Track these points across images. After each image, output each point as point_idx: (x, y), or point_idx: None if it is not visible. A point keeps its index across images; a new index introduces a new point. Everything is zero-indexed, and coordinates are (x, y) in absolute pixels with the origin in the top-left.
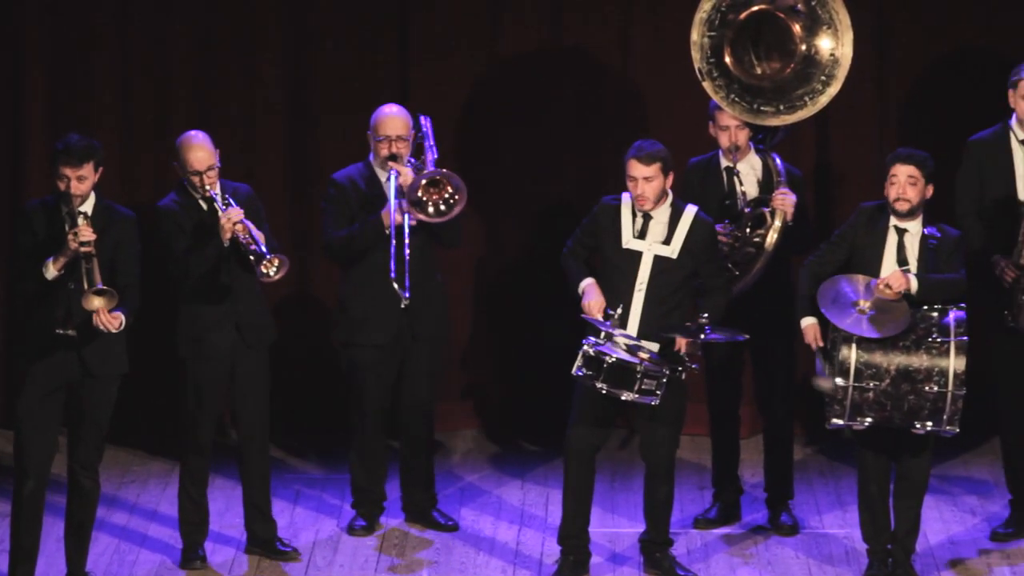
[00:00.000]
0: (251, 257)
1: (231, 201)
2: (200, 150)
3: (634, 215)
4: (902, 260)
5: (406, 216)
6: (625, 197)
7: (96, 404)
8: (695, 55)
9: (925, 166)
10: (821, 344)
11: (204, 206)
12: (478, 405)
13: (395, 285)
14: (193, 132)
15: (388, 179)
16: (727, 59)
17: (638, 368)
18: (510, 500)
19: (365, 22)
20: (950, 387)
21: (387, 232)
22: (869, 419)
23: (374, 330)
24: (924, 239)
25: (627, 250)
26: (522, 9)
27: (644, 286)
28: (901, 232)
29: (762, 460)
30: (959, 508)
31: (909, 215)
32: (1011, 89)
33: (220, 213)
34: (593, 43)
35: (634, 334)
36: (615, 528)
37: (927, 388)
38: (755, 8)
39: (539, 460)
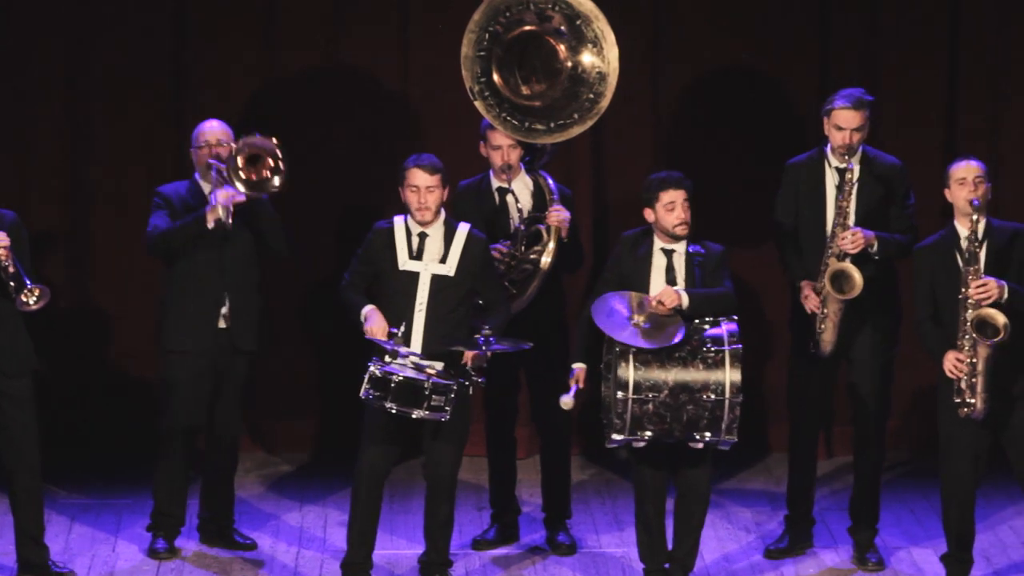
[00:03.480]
0: (11, 284)
1: None
2: None
3: (408, 236)
4: (671, 280)
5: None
6: (397, 220)
7: None
8: (466, 74)
9: (691, 188)
10: (583, 386)
11: None
12: (255, 426)
13: None
14: None
15: (212, 171)
16: (496, 79)
17: (426, 385)
18: (288, 522)
19: (139, 37)
20: (727, 395)
21: (208, 228)
22: (649, 433)
23: (190, 335)
24: (690, 257)
25: (404, 271)
26: (300, 23)
27: (424, 306)
28: (669, 253)
29: (539, 480)
30: (734, 525)
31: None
32: (825, 117)
33: None
34: (372, 62)
35: (419, 353)
36: (394, 550)
37: (705, 397)
38: (525, 28)
39: (318, 481)
